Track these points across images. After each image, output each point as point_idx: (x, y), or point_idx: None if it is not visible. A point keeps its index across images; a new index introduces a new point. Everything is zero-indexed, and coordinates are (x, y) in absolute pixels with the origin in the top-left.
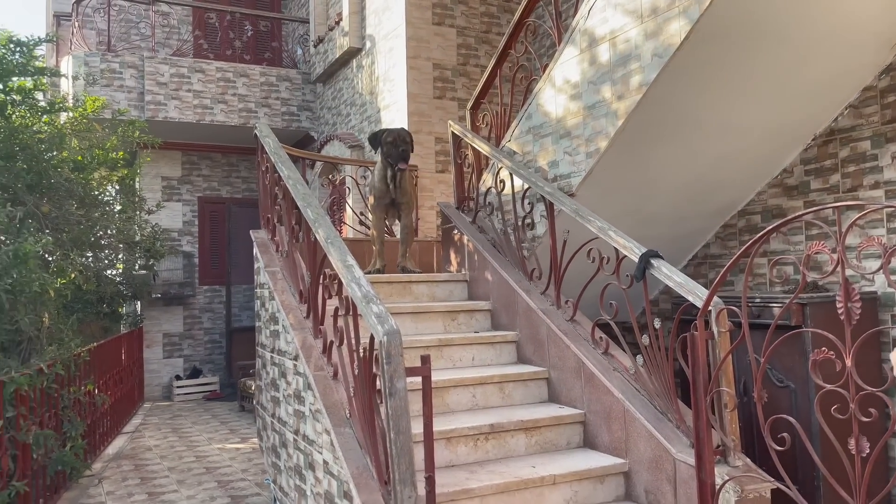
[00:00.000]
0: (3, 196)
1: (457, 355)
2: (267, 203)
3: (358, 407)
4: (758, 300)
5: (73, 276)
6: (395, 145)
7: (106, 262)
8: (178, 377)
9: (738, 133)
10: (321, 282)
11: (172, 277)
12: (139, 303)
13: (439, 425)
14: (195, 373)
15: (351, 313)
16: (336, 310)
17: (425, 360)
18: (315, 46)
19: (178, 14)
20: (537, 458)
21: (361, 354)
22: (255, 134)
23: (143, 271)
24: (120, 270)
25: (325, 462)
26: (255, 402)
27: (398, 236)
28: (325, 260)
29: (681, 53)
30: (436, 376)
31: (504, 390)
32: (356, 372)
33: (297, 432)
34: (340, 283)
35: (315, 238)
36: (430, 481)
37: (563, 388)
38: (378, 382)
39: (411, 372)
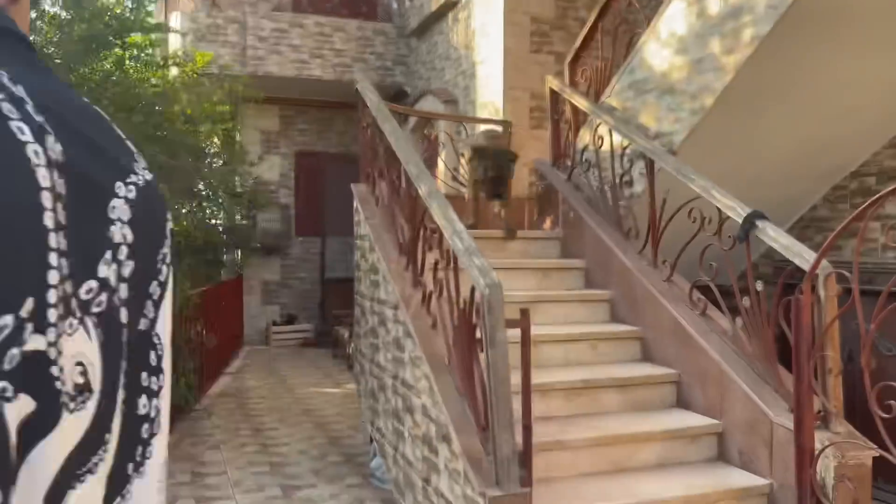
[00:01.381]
0: None
1: (550, 312)
2: (367, 157)
3: (457, 356)
4: (869, 266)
5: (184, 223)
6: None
7: (209, 211)
8: (275, 323)
9: (855, 90)
10: (421, 234)
11: (270, 228)
12: (240, 251)
13: (532, 379)
14: (291, 320)
15: (451, 265)
16: (436, 262)
17: (524, 313)
18: (410, 0)
19: None
20: (629, 415)
21: (461, 306)
22: (357, 89)
23: (245, 221)
24: (223, 220)
25: (423, 406)
26: (352, 349)
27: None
28: (425, 214)
29: (798, 5)
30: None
31: (597, 348)
32: (455, 322)
33: (395, 377)
34: (441, 237)
35: (416, 192)
36: (528, 430)
37: (657, 348)
38: (477, 332)
39: (511, 324)
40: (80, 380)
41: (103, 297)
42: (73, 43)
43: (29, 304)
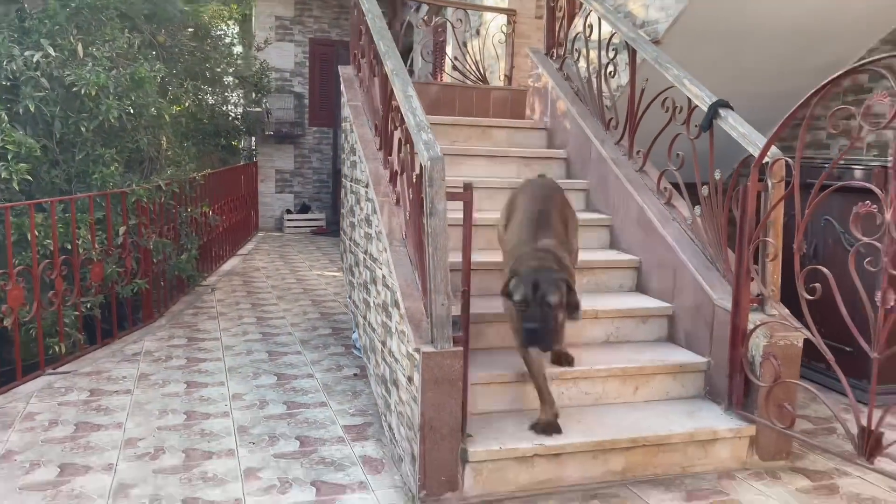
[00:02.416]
0: (123, 25)
1: None
2: (354, 39)
3: (411, 228)
4: (842, 163)
5: (187, 104)
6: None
7: (221, 97)
8: (288, 211)
9: None
10: (389, 114)
11: (284, 117)
12: (253, 139)
13: (489, 257)
14: (304, 208)
15: (409, 143)
16: (400, 140)
17: (467, 186)
18: None
19: None
20: (586, 297)
21: (415, 181)
22: None
23: (258, 108)
24: (235, 107)
25: (383, 276)
26: (340, 230)
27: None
28: (393, 93)
29: None
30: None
31: None
32: (411, 197)
33: (366, 252)
34: (403, 115)
35: (385, 70)
36: (465, 294)
37: (623, 235)
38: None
39: (452, 196)
40: None
41: None
42: None
43: None
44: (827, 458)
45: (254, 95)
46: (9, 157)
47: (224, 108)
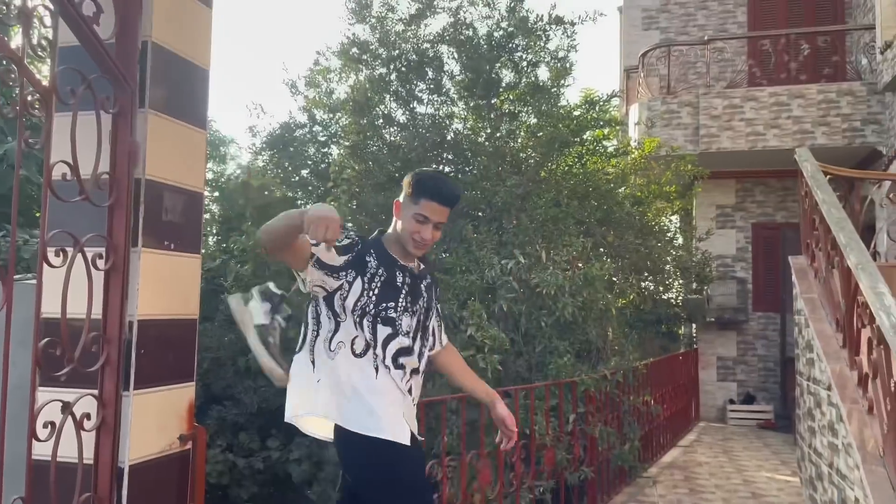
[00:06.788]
0: (579, 229)
1: None
2: (806, 228)
3: (891, 444)
4: None
5: (631, 297)
6: None
7: (661, 287)
8: (731, 401)
9: None
10: (855, 309)
11: (726, 303)
12: (694, 325)
13: None
14: (748, 399)
15: (882, 344)
16: (869, 340)
17: None
18: (882, 53)
19: (732, 47)
20: None
21: (893, 389)
22: (795, 158)
23: (698, 296)
24: (675, 295)
25: (856, 499)
26: (796, 432)
27: None
28: (857, 287)
29: None
30: None
31: None
32: (888, 408)
33: (830, 465)
34: (873, 313)
35: (848, 264)
36: None
37: None
38: None
39: None
40: None
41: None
42: (542, 145)
43: None
44: None
45: (694, 285)
46: (485, 350)
47: (665, 295)
